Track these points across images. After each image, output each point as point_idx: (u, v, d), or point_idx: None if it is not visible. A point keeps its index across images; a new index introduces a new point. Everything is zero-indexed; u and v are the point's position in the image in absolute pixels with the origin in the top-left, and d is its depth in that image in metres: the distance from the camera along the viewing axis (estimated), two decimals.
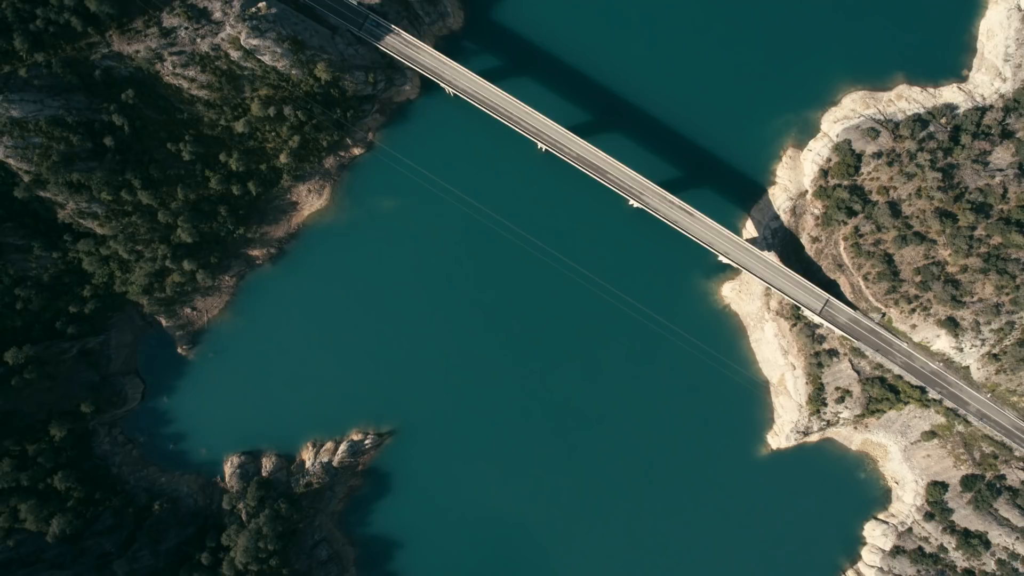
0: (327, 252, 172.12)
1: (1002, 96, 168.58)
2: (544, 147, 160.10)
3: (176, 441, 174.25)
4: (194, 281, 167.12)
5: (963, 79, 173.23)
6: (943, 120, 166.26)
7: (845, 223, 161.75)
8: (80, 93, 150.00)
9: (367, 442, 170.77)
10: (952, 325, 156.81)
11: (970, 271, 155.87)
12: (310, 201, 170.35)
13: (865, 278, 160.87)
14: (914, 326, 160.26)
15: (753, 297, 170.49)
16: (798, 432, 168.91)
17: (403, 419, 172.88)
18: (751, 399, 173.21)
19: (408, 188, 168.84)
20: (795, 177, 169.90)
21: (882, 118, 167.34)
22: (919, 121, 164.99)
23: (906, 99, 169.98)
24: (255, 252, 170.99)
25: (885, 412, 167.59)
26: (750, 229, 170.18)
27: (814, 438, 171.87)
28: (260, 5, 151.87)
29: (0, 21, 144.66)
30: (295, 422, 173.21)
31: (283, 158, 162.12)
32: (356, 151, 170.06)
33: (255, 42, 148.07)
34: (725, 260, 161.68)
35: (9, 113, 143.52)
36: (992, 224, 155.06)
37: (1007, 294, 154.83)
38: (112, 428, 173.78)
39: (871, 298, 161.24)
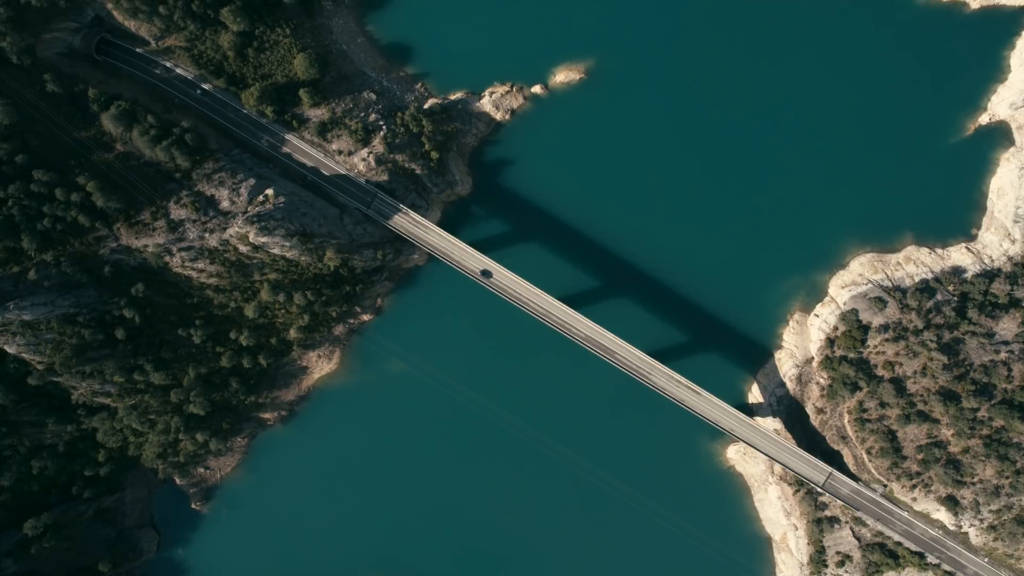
0: (337, 412, 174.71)
1: (1010, 259, 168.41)
2: (551, 326, 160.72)
3: None
4: (206, 447, 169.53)
5: (972, 238, 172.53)
6: (951, 287, 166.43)
7: (849, 398, 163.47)
8: (90, 288, 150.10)
9: None
10: (952, 503, 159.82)
11: (971, 452, 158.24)
12: (320, 366, 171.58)
13: (868, 452, 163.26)
14: (915, 499, 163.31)
15: (757, 460, 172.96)
16: None
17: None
18: (753, 555, 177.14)
19: (413, 355, 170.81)
20: (802, 343, 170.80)
21: (890, 284, 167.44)
22: (926, 290, 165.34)
23: (914, 262, 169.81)
24: (266, 415, 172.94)
25: (884, 573, 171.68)
26: (756, 394, 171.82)
27: None
28: (267, 193, 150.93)
29: (7, 220, 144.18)
30: (307, 575, 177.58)
31: (293, 332, 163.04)
32: (365, 317, 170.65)
33: (264, 239, 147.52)
34: (731, 435, 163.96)
35: (20, 318, 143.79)
36: (995, 407, 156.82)
37: (1007, 478, 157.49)
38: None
39: (873, 471, 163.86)
